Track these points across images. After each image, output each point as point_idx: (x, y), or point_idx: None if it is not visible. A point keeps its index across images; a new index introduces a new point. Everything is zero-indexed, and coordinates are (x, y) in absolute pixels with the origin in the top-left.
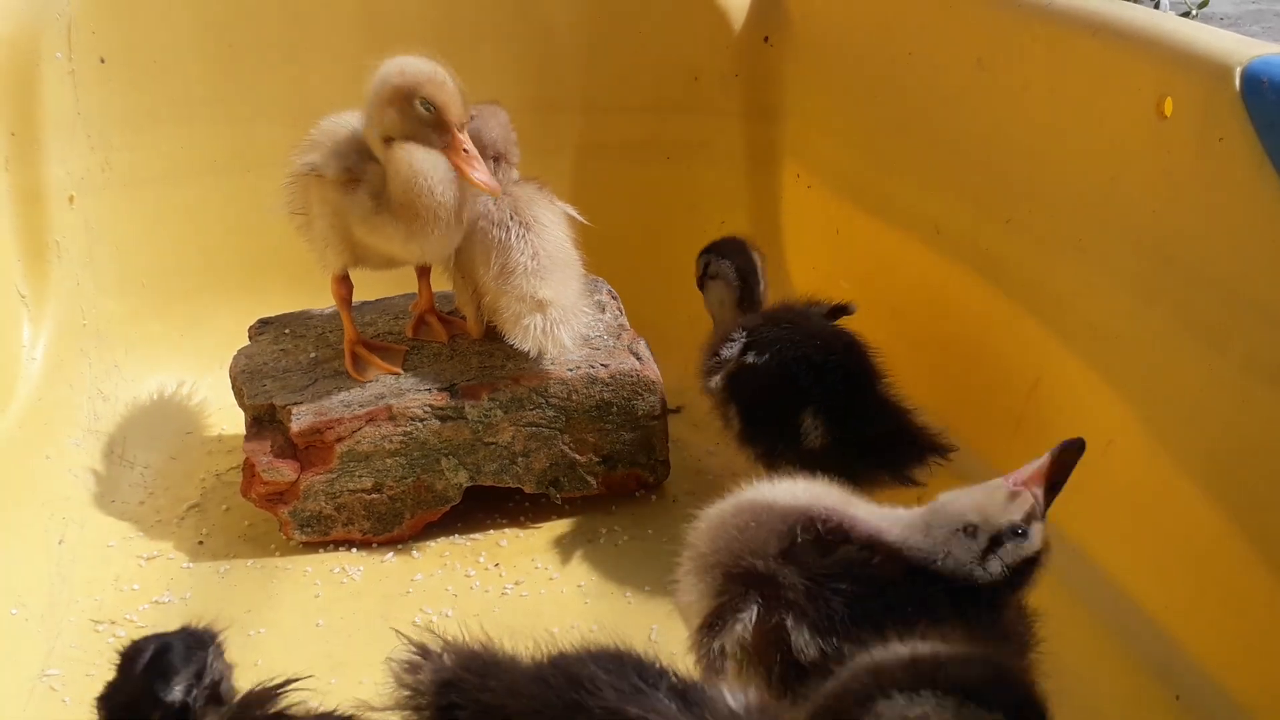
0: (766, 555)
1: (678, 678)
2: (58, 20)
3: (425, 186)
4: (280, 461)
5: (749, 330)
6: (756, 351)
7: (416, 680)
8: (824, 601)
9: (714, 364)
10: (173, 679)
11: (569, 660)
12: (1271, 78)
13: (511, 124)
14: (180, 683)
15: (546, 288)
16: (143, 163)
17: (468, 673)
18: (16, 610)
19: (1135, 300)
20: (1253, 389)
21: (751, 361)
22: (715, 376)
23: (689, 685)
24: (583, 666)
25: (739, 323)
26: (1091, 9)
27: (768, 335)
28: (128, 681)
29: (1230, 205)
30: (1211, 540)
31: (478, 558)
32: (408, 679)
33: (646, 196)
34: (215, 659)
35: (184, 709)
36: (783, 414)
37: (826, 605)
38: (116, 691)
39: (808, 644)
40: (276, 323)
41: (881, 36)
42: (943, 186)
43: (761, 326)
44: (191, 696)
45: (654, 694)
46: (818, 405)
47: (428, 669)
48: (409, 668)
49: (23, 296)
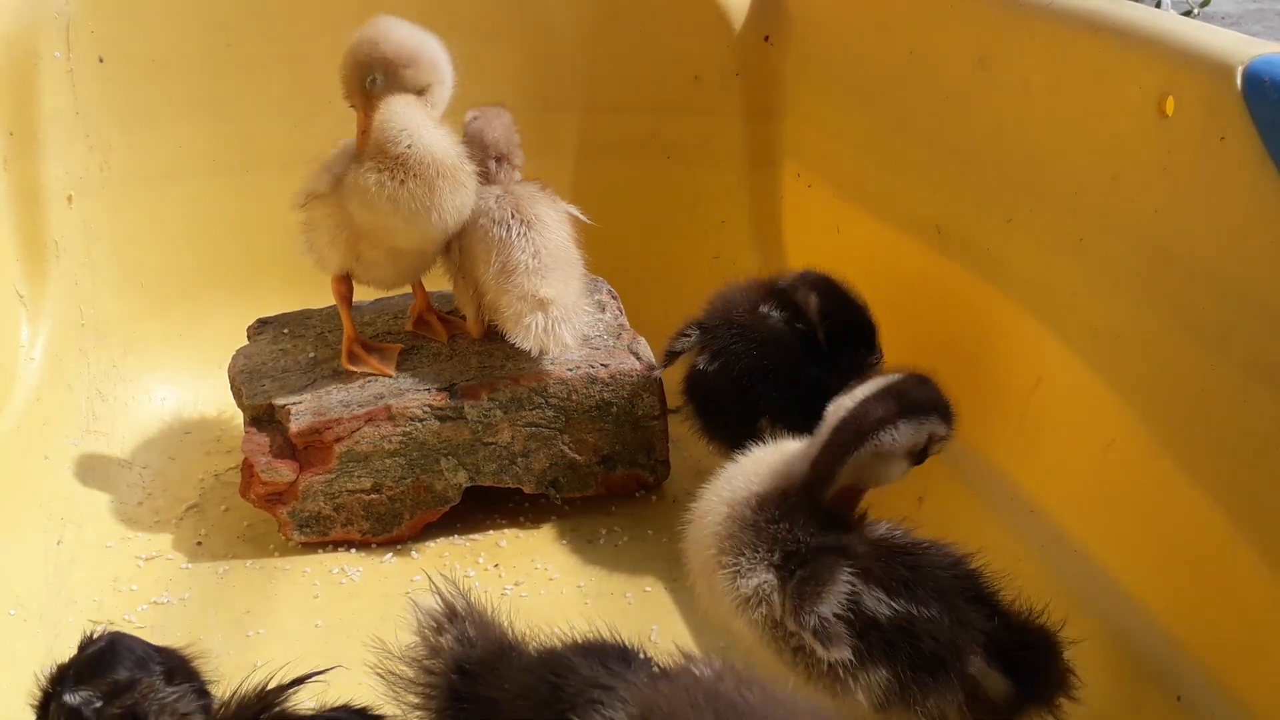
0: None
1: (659, 667)
2: (56, 19)
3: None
4: (279, 462)
5: (703, 329)
6: (709, 357)
7: (438, 643)
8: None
9: (667, 355)
10: (81, 684)
11: (554, 649)
12: (1273, 77)
13: (515, 125)
14: (86, 691)
15: (548, 286)
16: (142, 162)
17: (484, 665)
18: (14, 611)
19: (1135, 300)
20: (1253, 389)
21: (703, 368)
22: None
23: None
24: (564, 653)
25: (692, 319)
26: (1092, 8)
27: (721, 341)
28: (63, 664)
29: (1231, 205)
30: (1212, 540)
31: (477, 558)
32: (432, 639)
33: (646, 196)
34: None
35: (75, 715)
36: (740, 421)
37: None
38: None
39: (878, 602)
40: (275, 323)
41: (882, 36)
42: (943, 186)
43: (717, 327)
44: (91, 709)
45: (629, 672)
46: (772, 415)
47: (451, 636)
48: (435, 627)
49: (21, 296)
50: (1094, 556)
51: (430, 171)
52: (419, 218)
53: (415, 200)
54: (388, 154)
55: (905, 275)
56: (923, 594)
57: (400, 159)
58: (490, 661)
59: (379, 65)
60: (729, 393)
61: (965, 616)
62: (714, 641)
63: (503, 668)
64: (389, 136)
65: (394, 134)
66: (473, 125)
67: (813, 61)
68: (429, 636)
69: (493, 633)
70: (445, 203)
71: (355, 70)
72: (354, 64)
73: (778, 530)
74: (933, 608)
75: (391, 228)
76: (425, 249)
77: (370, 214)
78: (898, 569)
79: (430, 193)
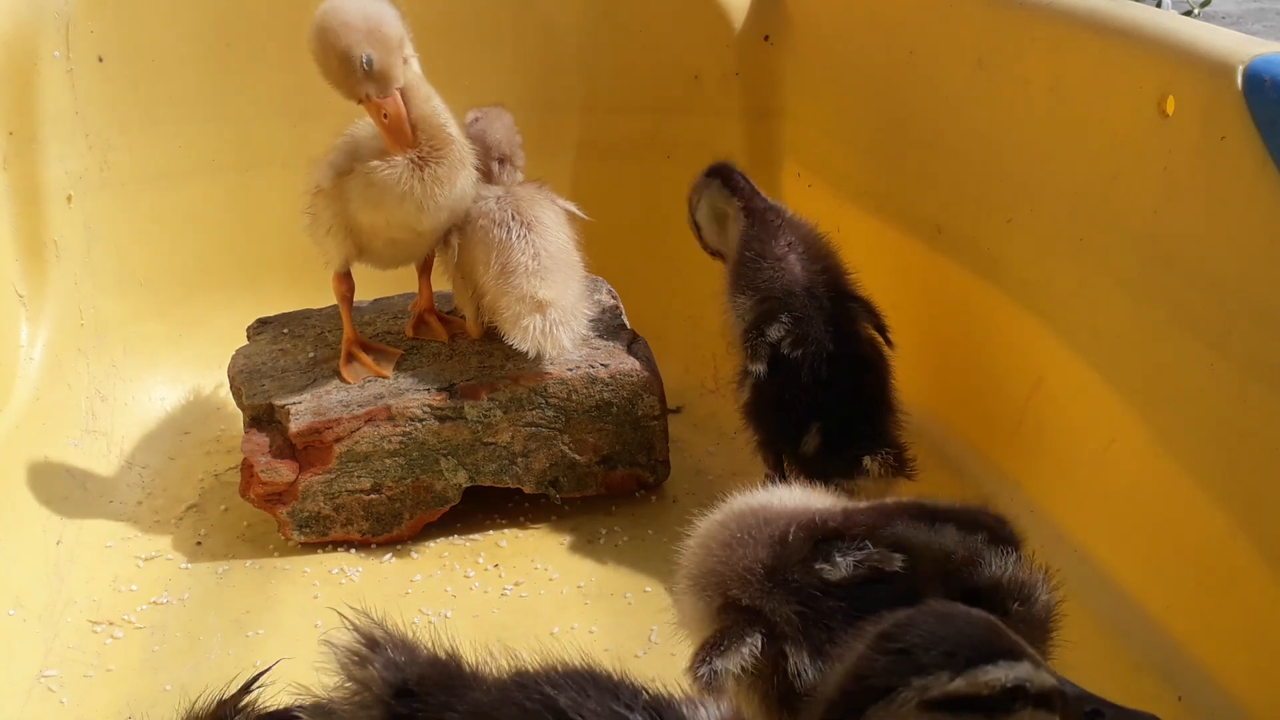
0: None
1: (650, 695)
2: (56, 19)
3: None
4: (279, 462)
5: (792, 313)
6: (793, 343)
7: (365, 675)
8: (821, 626)
9: (757, 345)
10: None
11: (541, 683)
12: (1274, 76)
13: (516, 126)
14: None
15: (547, 288)
16: (141, 162)
17: (431, 686)
18: (14, 611)
19: (1135, 300)
20: (1253, 389)
21: (786, 353)
22: (759, 364)
23: (662, 703)
24: (561, 693)
25: (770, 289)
26: (1092, 8)
27: (808, 330)
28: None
29: (1232, 205)
30: (1212, 540)
31: (477, 558)
32: (356, 672)
33: (646, 196)
34: None
35: None
36: (793, 420)
37: (825, 629)
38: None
39: (805, 668)
40: (275, 322)
41: (882, 36)
42: (943, 186)
43: (802, 313)
44: None
45: (633, 715)
46: (823, 423)
47: (377, 664)
48: (357, 660)
49: (21, 296)
50: (1094, 556)
51: (458, 154)
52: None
53: (442, 186)
54: (438, 140)
55: (905, 275)
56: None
57: (446, 142)
58: (438, 683)
59: (366, 42)
60: (797, 394)
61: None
62: None
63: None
64: (442, 119)
65: (445, 117)
66: (475, 126)
67: (813, 61)
68: (354, 672)
69: (421, 653)
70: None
71: (344, 61)
72: (341, 55)
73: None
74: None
75: (397, 220)
76: (427, 235)
77: (376, 211)
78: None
79: (453, 177)
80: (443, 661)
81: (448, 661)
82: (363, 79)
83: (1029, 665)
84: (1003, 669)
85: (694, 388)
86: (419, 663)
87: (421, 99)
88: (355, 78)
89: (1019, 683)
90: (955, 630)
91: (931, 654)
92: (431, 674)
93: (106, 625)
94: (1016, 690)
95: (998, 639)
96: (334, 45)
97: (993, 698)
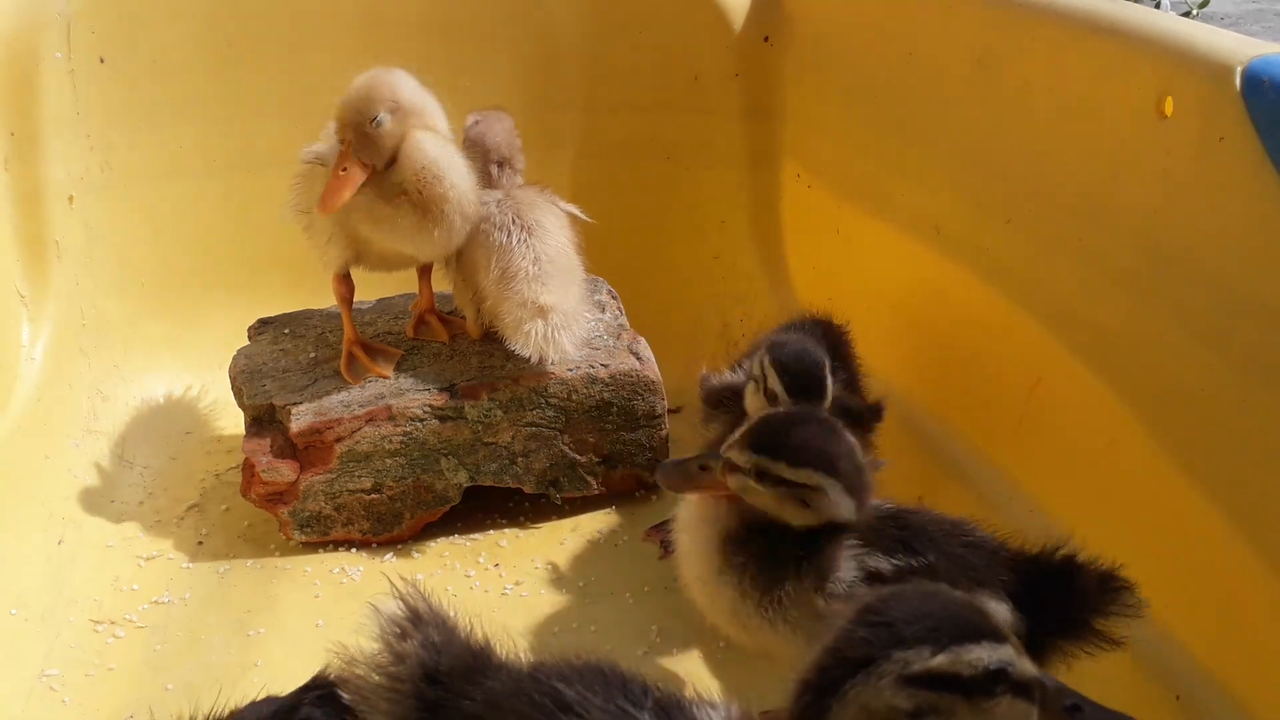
0: None
1: (660, 691)
2: (57, 20)
3: (436, 174)
4: (280, 461)
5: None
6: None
7: (403, 649)
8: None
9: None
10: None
11: (552, 677)
12: (1272, 77)
13: (516, 129)
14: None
15: (548, 293)
16: (142, 162)
17: (457, 676)
18: (16, 610)
19: (1135, 300)
20: (1253, 389)
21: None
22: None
23: (671, 703)
24: (569, 687)
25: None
26: (1091, 8)
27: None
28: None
29: (1230, 205)
30: (1212, 540)
31: (478, 558)
32: (395, 643)
33: (646, 196)
34: None
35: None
36: None
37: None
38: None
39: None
40: (276, 323)
41: (881, 36)
42: (943, 186)
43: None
44: None
45: (640, 714)
46: None
47: (416, 640)
48: (398, 632)
49: (22, 296)
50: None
51: (459, 211)
52: (428, 243)
53: (439, 228)
54: (426, 190)
55: (905, 275)
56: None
57: (439, 198)
58: (463, 673)
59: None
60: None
61: (964, 560)
62: (714, 642)
63: (486, 687)
64: (433, 174)
65: (437, 171)
66: (474, 130)
67: (812, 62)
68: (393, 642)
69: (458, 639)
70: (457, 232)
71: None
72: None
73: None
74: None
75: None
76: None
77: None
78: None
79: (452, 228)
80: (474, 649)
81: (479, 650)
82: (359, 127)
83: (1012, 650)
84: (986, 649)
85: (694, 388)
86: (452, 651)
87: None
88: (359, 122)
89: (1002, 665)
90: (939, 607)
91: (914, 628)
92: (459, 665)
93: (108, 625)
94: (999, 673)
95: (982, 620)
96: (373, 94)
97: (974, 679)
